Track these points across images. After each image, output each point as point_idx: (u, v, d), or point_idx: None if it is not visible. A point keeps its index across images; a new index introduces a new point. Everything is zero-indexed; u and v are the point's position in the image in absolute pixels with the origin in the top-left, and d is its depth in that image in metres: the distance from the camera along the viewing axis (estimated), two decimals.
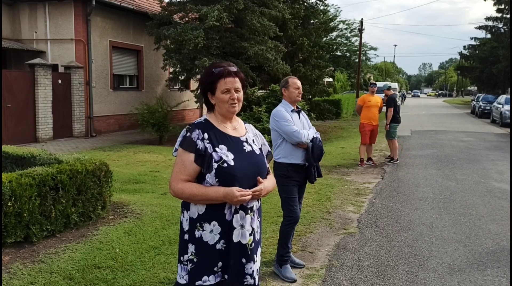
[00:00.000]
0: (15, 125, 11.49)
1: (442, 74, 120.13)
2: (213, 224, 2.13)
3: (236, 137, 2.23)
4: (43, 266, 3.82)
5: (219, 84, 2.17)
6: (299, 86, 3.93)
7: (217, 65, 2.22)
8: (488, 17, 33.79)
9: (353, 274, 3.92)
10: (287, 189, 3.84)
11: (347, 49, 37.24)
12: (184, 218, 2.21)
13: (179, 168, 2.15)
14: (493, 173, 8.68)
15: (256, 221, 2.24)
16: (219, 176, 2.09)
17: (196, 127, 2.18)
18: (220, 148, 2.13)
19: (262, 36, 13.70)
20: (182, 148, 2.16)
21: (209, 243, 2.14)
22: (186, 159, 2.13)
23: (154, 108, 12.67)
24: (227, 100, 2.17)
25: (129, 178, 7.49)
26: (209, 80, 2.20)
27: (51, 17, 13.58)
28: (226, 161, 2.11)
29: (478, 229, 5.21)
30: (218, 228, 2.13)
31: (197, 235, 2.15)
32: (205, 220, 2.14)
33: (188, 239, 2.18)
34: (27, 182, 4.12)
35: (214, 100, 2.21)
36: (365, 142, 9.40)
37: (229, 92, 2.17)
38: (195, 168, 2.13)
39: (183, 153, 2.15)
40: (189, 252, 2.17)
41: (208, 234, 2.13)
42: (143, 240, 4.50)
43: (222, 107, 2.20)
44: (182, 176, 2.13)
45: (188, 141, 2.14)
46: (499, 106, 21.82)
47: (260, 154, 2.30)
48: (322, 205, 6.14)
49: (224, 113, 2.22)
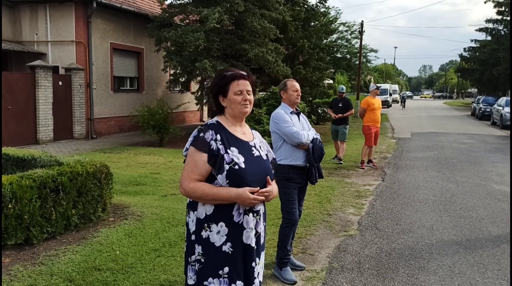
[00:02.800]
0: (15, 126, 11.50)
1: (442, 76, 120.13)
2: (220, 225, 2.14)
3: (245, 141, 2.27)
4: (44, 268, 3.82)
5: (232, 86, 2.22)
6: (298, 89, 3.94)
7: (228, 70, 2.29)
8: (489, 19, 33.85)
9: (353, 276, 3.92)
10: (287, 192, 3.85)
11: (348, 51, 37.23)
12: (190, 219, 2.22)
13: (191, 168, 2.15)
14: (494, 175, 8.67)
15: (261, 225, 2.27)
16: (230, 178, 2.12)
17: (209, 127, 2.20)
18: (231, 150, 2.16)
19: (262, 38, 13.73)
20: (195, 147, 2.17)
21: (215, 244, 2.14)
22: (198, 159, 2.14)
23: (155, 110, 12.67)
24: (239, 101, 2.22)
25: (129, 180, 7.49)
26: (221, 82, 2.25)
27: (52, 19, 13.61)
28: (238, 163, 2.14)
29: (479, 232, 5.20)
30: (225, 230, 2.14)
31: (204, 236, 2.16)
32: (213, 221, 2.15)
33: (195, 239, 2.19)
34: (27, 184, 4.12)
35: (226, 102, 2.25)
36: (370, 144, 9.43)
37: (242, 93, 2.23)
38: (207, 168, 2.14)
39: (195, 153, 2.16)
40: (196, 253, 2.18)
41: (215, 235, 2.14)
42: (144, 242, 4.50)
43: (234, 109, 2.24)
44: (194, 175, 2.14)
45: (201, 141, 2.16)
46: (499, 108, 21.82)
47: (267, 160, 2.34)
48: (323, 207, 6.14)
49: (236, 114, 2.25)
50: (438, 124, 21.40)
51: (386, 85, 43.84)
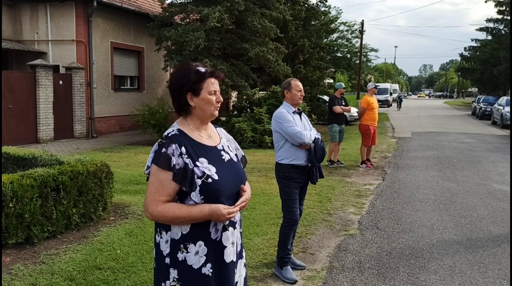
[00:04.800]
0: (16, 126, 11.51)
1: (442, 75, 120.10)
2: (198, 244, 1.92)
3: (213, 147, 2.03)
4: (44, 267, 3.83)
5: (207, 84, 1.97)
6: (301, 88, 3.95)
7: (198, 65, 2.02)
8: (489, 19, 33.84)
9: (354, 275, 3.92)
10: (288, 191, 3.85)
11: (348, 51, 37.26)
12: (163, 240, 1.96)
13: (156, 189, 1.88)
14: (494, 174, 8.67)
15: (238, 233, 2.08)
16: (204, 193, 1.89)
17: (171, 141, 1.93)
18: (200, 162, 1.93)
19: (263, 38, 13.73)
20: (158, 166, 1.89)
21: (193, 267, 1.91)
22: (163, 178, 1.88)
23: (155, 109, 12.69)
24: (213, 102, 1.99)
25: (130, 179, 7.49)
26: (194, 79, 1.96)
27: (53, 18, 13.61)
28: (210, 175, 1.90)
29: (479, 231, 5.20)
30: (204, 249, 1.92)
31: (180, 258, 1.91)
32: (190, 241, 1.91)
33: (170, 263, 1.93)
34: (28, 183, 4.12)
35: (195, 102, 1.98)
36: (368, 144, 9.40)
37: (215, 93, 2.00)
38: (175, 187, 1.89)
39: (159, 172, 1.89)
40: (171, 278, 1.92)
41: (193, 256, 1.91)
42: (144, 241, 4.50)
43: (206, 110, 2.00)
44: (161, 197, 1.88)
45: (164, 158, 1.89)
46: (500, 108, 21.81)
47: (238, 161, 2.14)
48: (323, 206, 6.14)
49: (206, 116, 2.02)
50: (438, 124, 21.39)
51: (387, 85, 43.80)
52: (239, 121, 12.27)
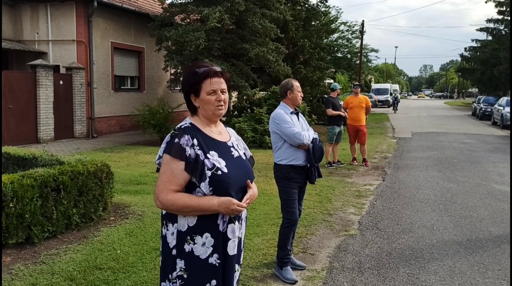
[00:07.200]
0: (16, 125, 11.52)
1: (443, 75, 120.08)
2: (205, 236, 1.97)
3: (223, 142, 2.10)
4: (45, 267, 3.83)
5: (204, 85, 2.03)
6: (301, 89, 3.99)
7: (201, 65, 2.08)
8: (489, 19, 33.83)
9: (354, 276, 3.92)
10: (287, 191, 3.85)
11: (348, 51, 37.23)
12: (169, 232, 2.02)
13: (167, 178, 1.95)
14: (494, 175, 8.67)
15: (243, 229, 2.15)
16: (214, 185, 1.94)
17: (184, 132, 2.01)
18: (211, 155, 1.99)
19: (263, 38, 13.73)
20: (170, 155, 1.96)
21: (200, 257, 1.97)
22: (175, 167, 1.94)
23: (155, 109, 12.69)
24: (213, 102, 2.03)
25: (130, 179, 7.50)
26: (193, 80, 2.04)
27: (53, 18, 13.62)
28: (220, 168, 1.96)
29: (479, 231, 5.20)
30: (211, 241, 1.98)
31: (187, 249, 1.97)
32: (197, 233, 1.97)
33: (177, 254, 1.99)
34: (28, 183, 4.13)
35: (198, 102, 2.06)
36: (351, 142, 9.78)
37: (215, 93, 2.03)
38: (186, 177, 1.95)
39: (171, 161, 1.95)
40: (178, 268, 1.99)
41: (200, 247, 1.97)
42: (144, 241, 4.50)
43: (207, 110, 2.05)
44: (172, 186, 1.94)
45: (177, 148, 1.96)
46: (500, 108, 21.81)
47: (246, 159, 2.19)
48: (323, 207, 6.14)
49: (209, 116, 2.08)
50: (438, 124, 21.39)
51: (387, 85, 43.78)
52: (239, 121, 12.28)
